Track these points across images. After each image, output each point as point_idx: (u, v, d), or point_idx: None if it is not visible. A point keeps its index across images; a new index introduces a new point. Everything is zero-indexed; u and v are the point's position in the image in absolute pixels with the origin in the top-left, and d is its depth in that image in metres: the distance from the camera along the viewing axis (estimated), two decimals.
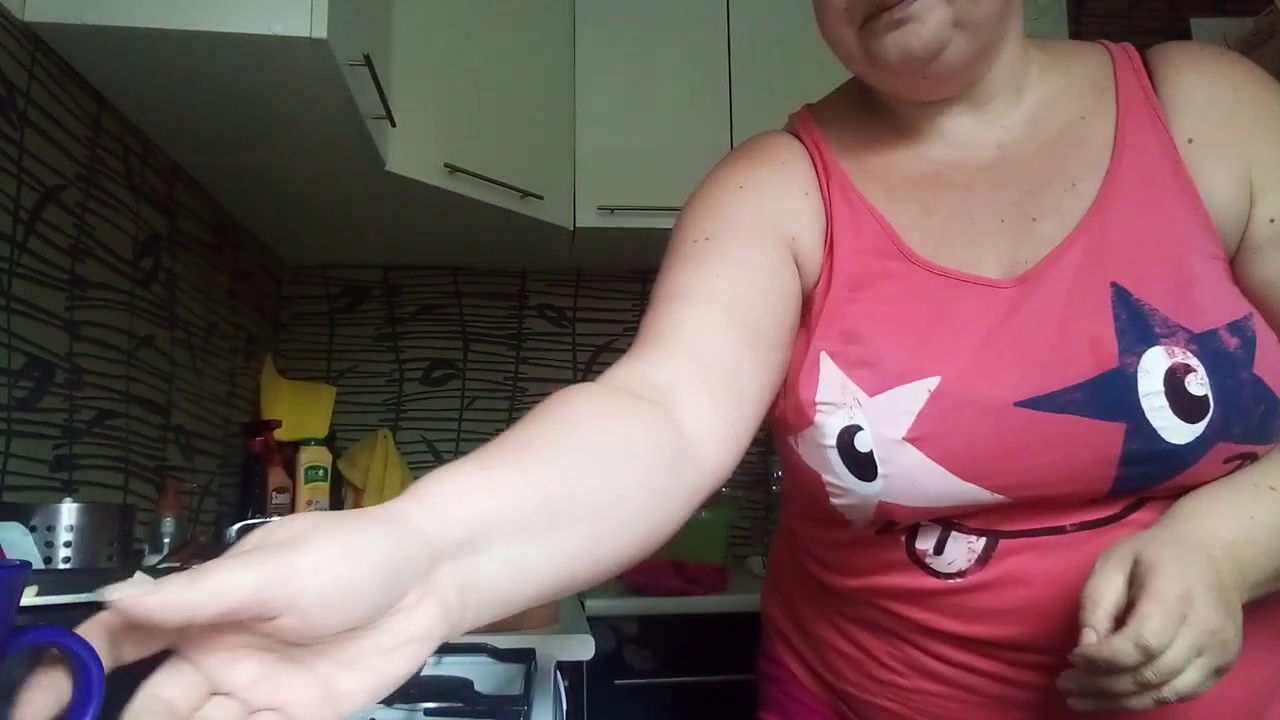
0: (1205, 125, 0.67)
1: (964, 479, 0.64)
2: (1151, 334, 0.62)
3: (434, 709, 0.73)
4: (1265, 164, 0.66)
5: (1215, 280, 0.64)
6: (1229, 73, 0.69)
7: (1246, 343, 0.62)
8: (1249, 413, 0.61)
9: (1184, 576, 0.54)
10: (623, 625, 1.51)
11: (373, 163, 1.53)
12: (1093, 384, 0.62)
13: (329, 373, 2.22)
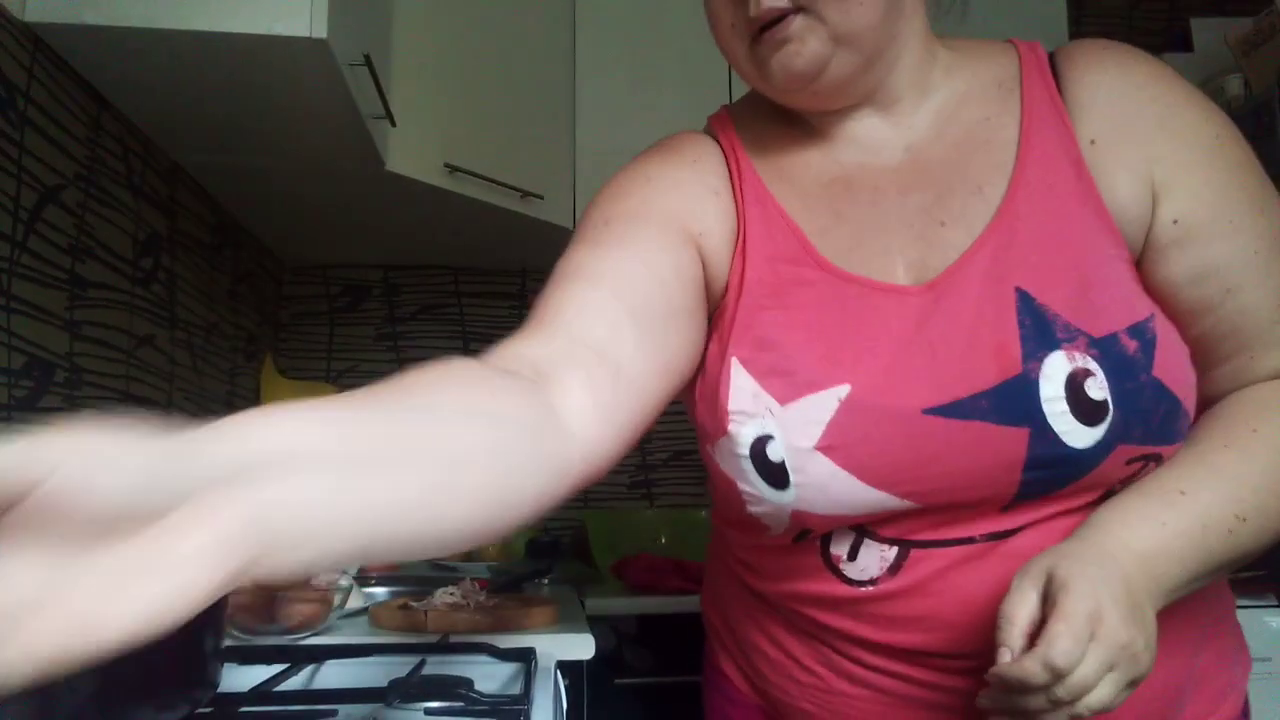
0: (1108, 126, 0.67)
1: (874, 487, 0.64)
2: (1053, 339, 0.62)
3: (434, 708, 0.73)
4: (1167, 164, 0.66)
5: (1117, 282, 0.64)
6: (1132, 71, 0.68)
7: (1146, 345, 0.62)
8: (1149, 415, 0.62)
9: (1094, 594, 0.54)
10: (623, 625, 1.51)
11: (372, 163, 1.53)
12: (997, 390, 0.62)
13: (329, 372, 2.21)
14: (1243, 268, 0.64)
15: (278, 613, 0.98)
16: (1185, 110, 0.67)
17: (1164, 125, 0.66)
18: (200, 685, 0.67)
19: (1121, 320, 0.63)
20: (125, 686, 0.59)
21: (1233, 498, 0.61)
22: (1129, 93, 0.67)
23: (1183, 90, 0.68)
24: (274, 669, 0.82)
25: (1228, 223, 0.65)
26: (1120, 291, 0.64)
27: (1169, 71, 0.69)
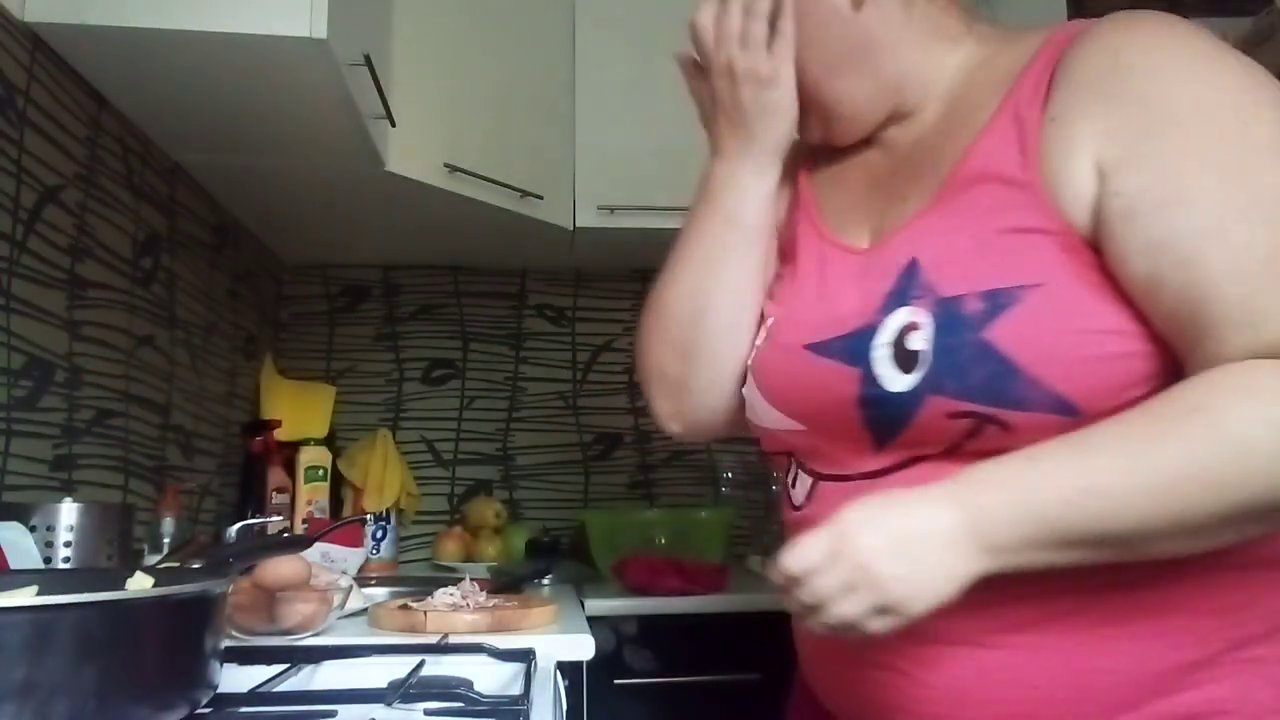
0: (1072, 101, 0.67)
1: (773, 406, 0.79)
2: (908, 297, 0.69)
3: (434, 709, 0.73)
4: (1121, 135, 0.65)
5: (1005, 252, 0.67)
6: (1117, 42, 0.68)
7: (994, 309, 0.64)
8: (965, 372, 0.64)
9: (852, 520, 0.61)
10: (623, 625, 1.51)
11: (372, 163, 1.53)
12: (849, 335, 0.72)
13: (328, 372, 2.21)
14: (1199, 240, 0.61)
15: (277, 613, 0.98)
16: (1161, 77, 0.65)
17: (1128, 95, 0.65)
18: (200, 685, 0.67)
19: (981, 284, 0.66)
20: (125, 686, 0.59)
21: (1083, 469, 0.60)
22: (1103, 64, 0.67)
23: (1173, 55, 0.66)
24: (274, 669, 0.82)
25: (1178, 193, 0.62)
26: (1003, 260, 0.66)
27: (1176, 35, 0.67)
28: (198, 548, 1.28)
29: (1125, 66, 0.66)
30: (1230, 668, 0.63)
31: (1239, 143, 0.62)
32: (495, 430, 2.25)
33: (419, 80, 1.62)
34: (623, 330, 2.31)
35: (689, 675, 1.12)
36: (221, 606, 0.71)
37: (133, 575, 0.72)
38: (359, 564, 1.42)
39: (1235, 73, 0.64)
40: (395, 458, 2.05)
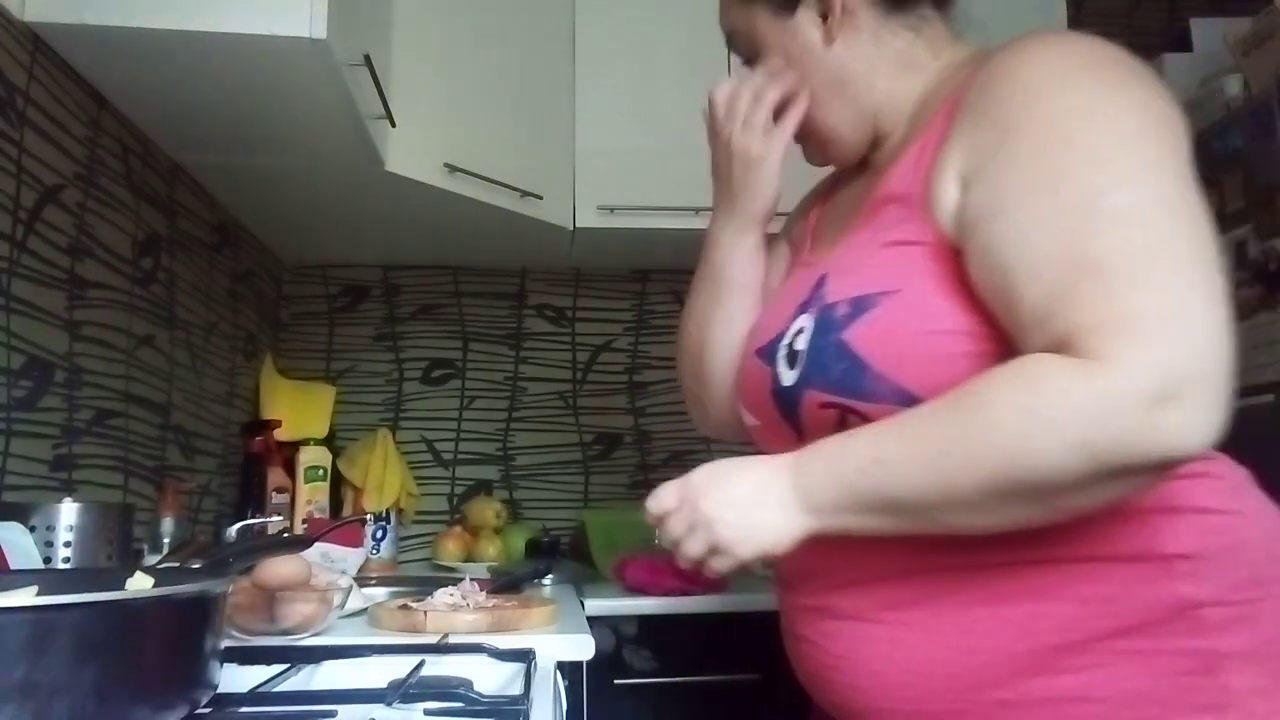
0: (959, 121, 0.74)
1: (740, 404, 0.91)
2: (809, 305, 0.80)
3: (434, 709, 0.73)
4: (980, 151, 0.71)
5: (881, 264, 0.75)
6: (998, 63, 0.74)
7: (854, 313, 0.74)
8: (827, 368, 0.75)
9: (700, 475, 0.75)
10: (623, 625, 1.51)
11: (372, 163, 1.53)
12: (771, 340, 0.84)
13: (329, 372, 2.22)
14: (1010, 247, 0.66)
15: (277, 613, 0.98)
16: (1015, 97, 0.70)
17: (988, 114, 0.72)
18: (200, 685, 0.67)
19: (852, 291, 0.75)
20: (125, 686, 0.59)
21: (876, 443, 0.69)
22: (989, 86, 0.73)
23: (1030, 76, 0.71)
24: (273, 669, 0.82)
25: (1002, 204, 0.68)
26: (875, 270, 0.75)
27: (1043, 57, 0.72)
28: (198, 548, 1.28)
29: (994, 87, 0.73)
30: (1103, 656, 0.67)
31: (1060, 157, 0.66)
32: (495, 430, 2.25)
33: (419, 80, 1.62)
34: (623, 330, 2.31)
35: (689, 675, 1.12)
36: (221, 606, 0.71)
37: (133, 575, 0.72)
38: (359, 564, 1.42)
39: (1081, 91, 0.68)
40: (395, 458, 2.05)
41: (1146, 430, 0.59)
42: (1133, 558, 0.69)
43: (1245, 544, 0.71)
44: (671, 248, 2.05)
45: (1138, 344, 0.60)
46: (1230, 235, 1.85)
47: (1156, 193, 0.64)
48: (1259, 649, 0.68)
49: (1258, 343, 1.79)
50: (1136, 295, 0.61)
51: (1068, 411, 0.60)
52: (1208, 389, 0.59)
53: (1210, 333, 0.60)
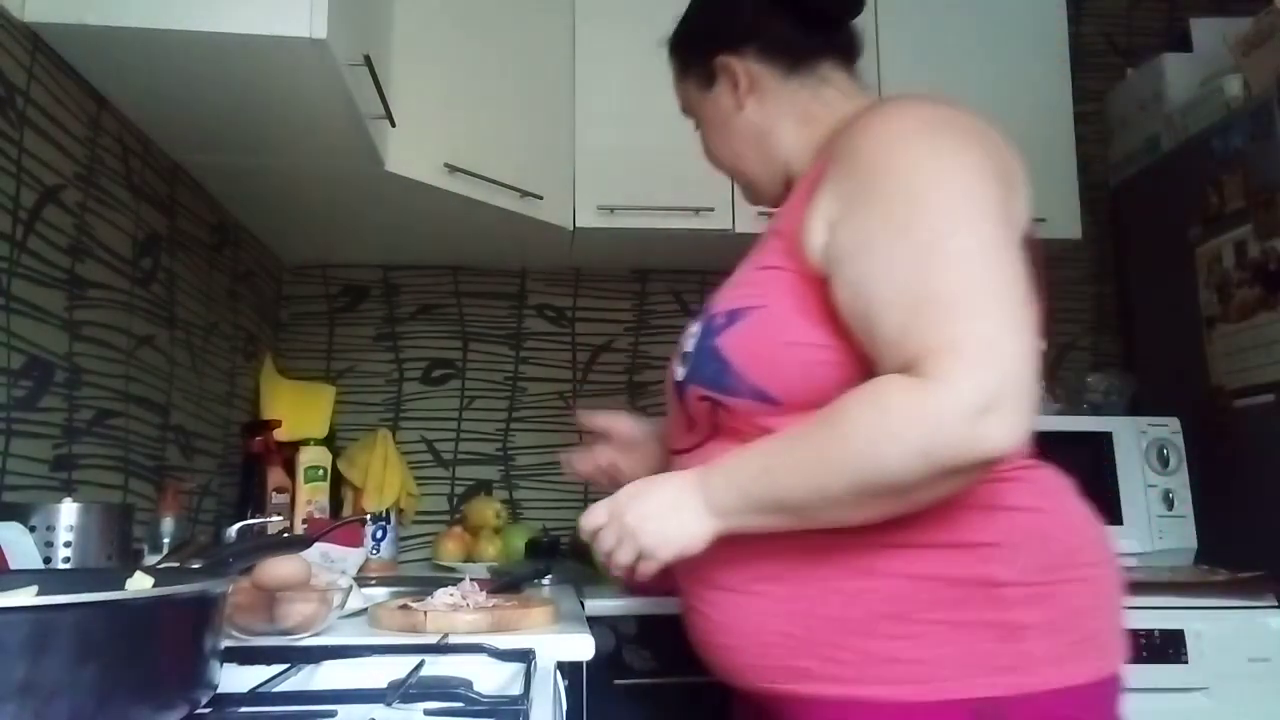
0: (829, 172, 0.89)
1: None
2: (704, 315, 0.95)
3: (433, 709, 0.73)
4: (842, 201, 0.86)
5: (756, 284, 0.92)
6: (861, 124, 0.89)
7: (727, 323, 0.90)
8: (702, 367, 0.91)
9: (625, 494, 0.91)
10: (623, 625, 1.51)
11: (372, 163, 1.53)
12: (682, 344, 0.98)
13: (328, 372, 2.22)
14: (873, 281, 0.81)
15: (277, 613, 0.98)
16: (875, 162, 0.86)
17: (851, 168, 0.87)
18: (200, 685, 0.67)
19: (729, 305, 0.92)
20: (125, 686, 0.59)
21: (765, 455, 0.84)
22: (852, 143, 0.89)
23: (885, 136, 0.87)
24: (273, 669, 0.82)
25: (866, 244, 0.82)
26: (749, 288, 0.92)
27: (897, 121, 0.88)
28: (198, 548, 1.28)
29: (855, 144, 0.88)
30: (921, 626, 0.81)
31: (908, 207, 0.81)
32: (495, 430, 2.25)
33: (419, 80, 1.62)
34: (623, 330, 2.31)
35: (689, 675, 1.12)
36: (221, 606, 0.71)
37: (133, 575, 0.72)
38: (359, 564, 1.42)
39: (923, 150, 0.84)
40: (395, 458, 2.04)
41: (970, 437, 0.73)
42: (949, 545, 0.83)
43: (1047, 536, 0.85)
44: (671, 248, 2.06)
45: (963, 365, 0.73)
46: (1230, 235, 1.85)
47: (983, 239, 0.79)
48: (1055, 622, 0.82)
49: (1258, 343, 1.79)
50: (965, 324, 0.75)
51: (908, 424, 0.74)
52: (1018, 402, 0.73)
53: (1020, 356, 0.74)
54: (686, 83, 1.11)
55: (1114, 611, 0.89)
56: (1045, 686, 0.79)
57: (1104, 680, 0.84)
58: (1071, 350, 2.38)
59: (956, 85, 2.04)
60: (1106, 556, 0.90)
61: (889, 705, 0.80)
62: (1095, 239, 2.39)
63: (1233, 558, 1.70)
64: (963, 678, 0.79)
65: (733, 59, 1.04)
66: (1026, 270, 0.80)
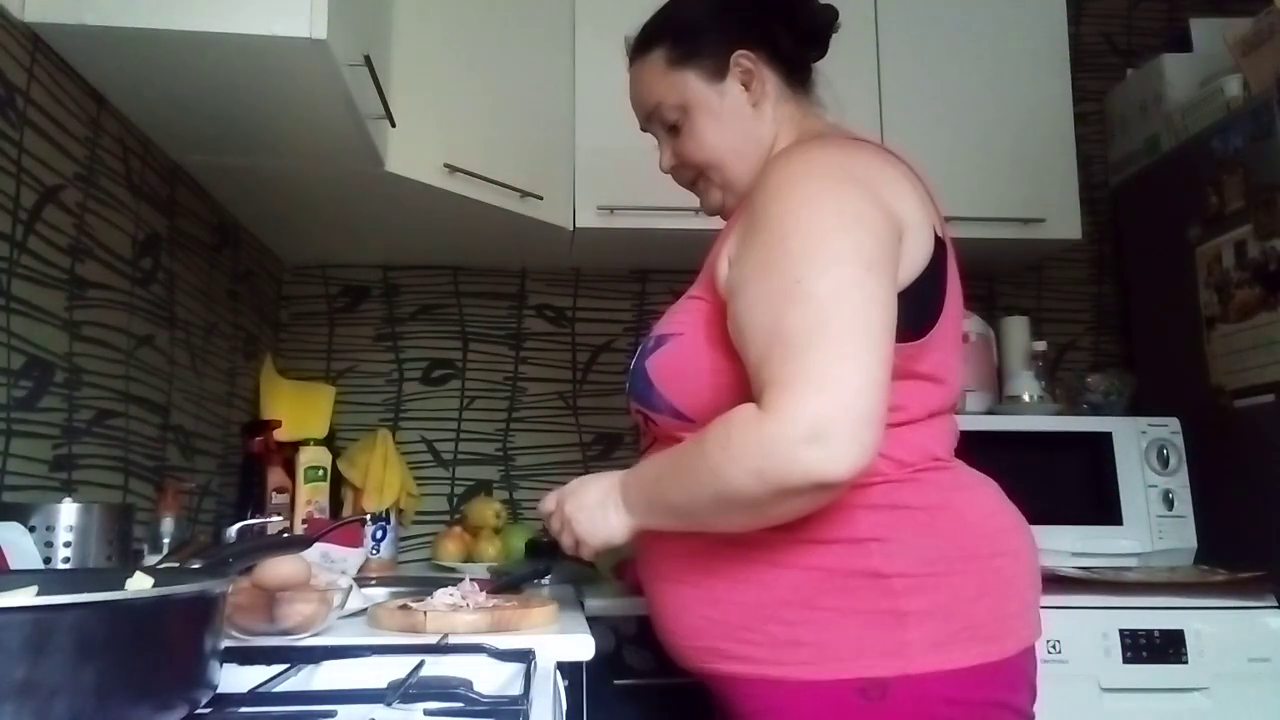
0: (740, 219, 0.99)
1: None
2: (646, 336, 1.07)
3: (433, 709, 0.73)
4: (738, 239, 0.96)
5: (685, 312, 1.02)
6: (771, 168, 0.98)
7: (655, 347, 1.02)
8: (635, 385, 1.05)
9: (568, 488, 1.06)
10: (623, 625, 1.51)
11: (372, 163, 1.53)
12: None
13: (328, 372, 2.22)
14: (743, 316, 0.90)
15: (277, 613, 0.98)
16: (763, 204, 0.93)
17: (750, 208, 0.96)
18: (200, 685, 0.67)
19: (660, 330, 1.04)
20: (125, 686, 0.59)
21: (657, 468, 0.97)
22: (752, 194, 0.98)
23: (776, 181, 0.94)
24: (273, 669, 0.82)
25: (743, 282, 0.91)
26: (682, 318, 1.02)
27: (788, 167, 0.95)
28: (197, 548, 1.28)
29: (759, 187, 0.97)
30: (816, 612, 0.90)
31: (775, 250, 0.89)
32: (495, 430, 2.25)
33: (419, 80, 1.62)
34: (622, 330, 2.31)
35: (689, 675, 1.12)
36: (221, 606, 0.71)
37: (133, 575, 0.72)
38: (359, 564, 1.42)
39: (796, 196, 0.91)
40: (395, 458, 2.04)
41: (795, 463, 0.80)
42: (843, 540, 0.91)
43: (935, 532, 0.92)
44: (671, 248, 2.05)
45: (795, 398, 0.80)
46: (1230, 235, 1.85)
47: (835, 281, 0.85)
48: (937, 610, 0.89)
49: (1258, 343, 1.79)
50: (803, 360, 0.82)
51: (744, 449, 0.83)
52: (848, 432, 0.79)
53: (856, 390, 0.80)
54: (682, 73, 1.09)
55: (1007, 600, 0.93)
56: (926, 669, 0.87)
57: (992, 664, 0.90)
58: (1071, 350, 2.38)
59: (956, 85, 2.05)
60: (1006, 548, 0.96)
61: (791, 683, 0.90)
62: (1095, 239, 2.39)
63: (1233, 558, 1.70)
64: (852, 659, 0.88)
65: (752, 56, 1.07)
66: (883, 311, 0.86)
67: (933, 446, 0.98)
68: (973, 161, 2.01)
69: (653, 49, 1.12)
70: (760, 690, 0.92)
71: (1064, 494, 1.83)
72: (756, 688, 0.93)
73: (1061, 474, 1.83)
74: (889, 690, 0.87)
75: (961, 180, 1.96)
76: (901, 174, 0.98)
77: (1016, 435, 1.83)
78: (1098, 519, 1.80)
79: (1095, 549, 1.76)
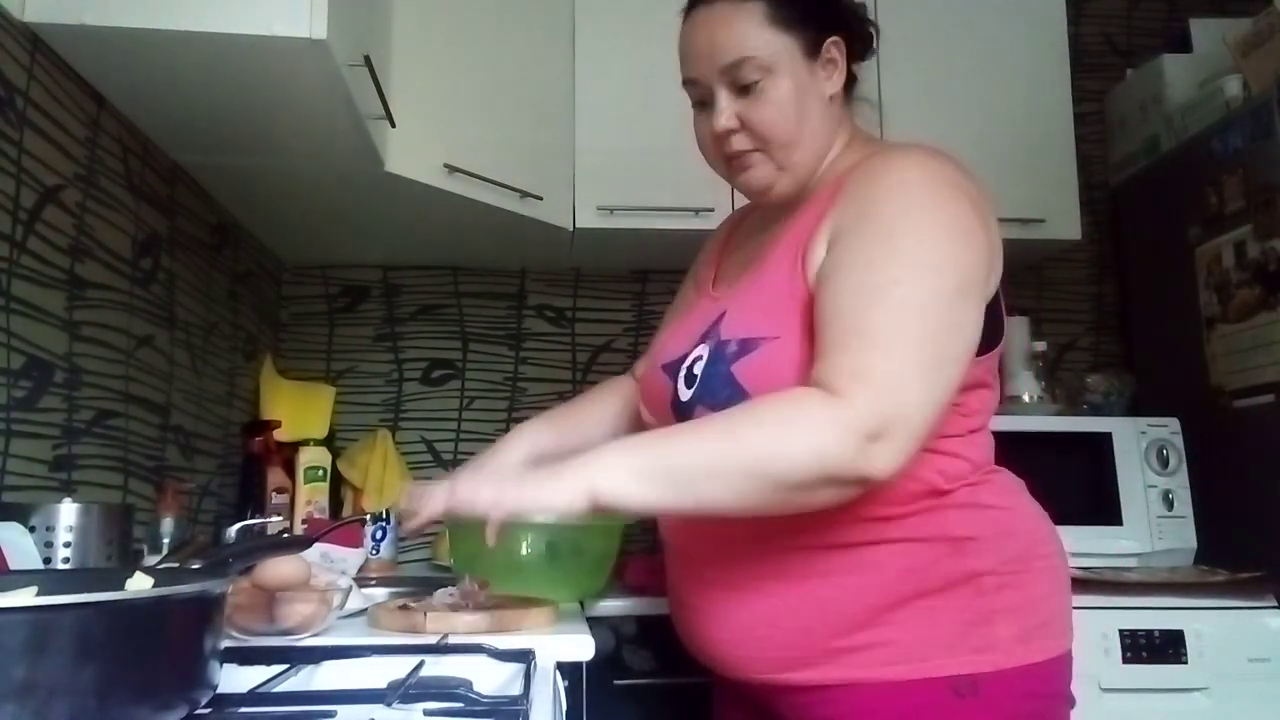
0: (836, 208, 0.96)
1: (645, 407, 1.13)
2: (707, 337, 1.01)
3: (433, 709, 0.73)
4: (840, 231, 0.94)
5: (769, 314, 0.96)
6: (870, 172, 0.96)
7: (741, 352, 0.96)
8: (715, 392, 0.97)
9: (465, 468, 1.11)
10: (622, 625, 1.51)
11: (372, 163, 1.53)
12: (674, 360, 1.06)
13: (328, 373, 2.21)
14: (830, 302, 0.89)
15: (277, 613, 0.98)
16: (876, 198, 0.93)
17: (855, 207, 0.94)
18: (199, 685, 0.67)
19: (743, 333, 0.97)
20: (125, 686, 0.59)
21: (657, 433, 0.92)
22: (857, 186, 0.96)
23: (886, 182, 0.94)
24: (273, 669, 0.82)
25: (838, 270, 0.91)
26: (764, 319, 0.96)
27: (899, 170, 0.95)
28: (197, 548, 1.28)
29: (867, 181, 0.95)
30: (911, 611, 0.91)
31: (880, 248, 0.89)
32: (495, 430, 2.25)
33: (419, 80, 1.62)
34: (622, 330, 2.31)
35: (689, 675, 1.12)
36: (221, 606, 0.71)
37: (132, 575, 0.72)
38: (359, 564, 1.42)
39: (913, 201, 0.92)
40: (395, 458, 2.04)
41: (858, 454, 0.81)
42: (934, 539, 0.92)
43: (1014, 531, 0.96)
44: (671, 248, 2.05)
45: (871, 393, 0.82)
46: (1230, 236, 1.85)
47: (928, 292, 0.87)
48: (1021, 606, 0.92)
49: (1258, 343, 1.79)
50: (877, 359, 0.84)
51: (814, 424, 0.83)
52: (904, 436, 0.82)
53: (919, 399, 0.83)
54: (780, 33, 1.00)
55: (1067, 596, 0.99)
56: (1012, 664, 0.90)
57: (1060, 657, 0.94)
58: (1071, 350, 2.38)
59: (956, 85, 2.05)
60: (1059, 549, 1.00)
61: (884, 685, 0.90)
62: (1095, 239, 2.39)
63: (1233, 558, 1.70)
64: (945, 657, 0.89)
65: (842, 46, 1.04)
66: (963, 338, 0.89)
67: (990, 452, 1.02)
68: (973, 162, 1.97)
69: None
70: (844, 695, 0.92)
71: (1064, 494, 1.81)
72: (840, 693, 0.92)
73: (1061, 474, 1.83)
74: (979, 686, 0.89)
75: None
76: (987, 191, 1.00)
77: (1016, 435, 1.82)
78: (1098, 519, 1.80)
79: (1095, 549, 1.76)
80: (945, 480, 0.94)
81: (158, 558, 1.25)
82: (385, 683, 0.75)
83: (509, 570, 1.34)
